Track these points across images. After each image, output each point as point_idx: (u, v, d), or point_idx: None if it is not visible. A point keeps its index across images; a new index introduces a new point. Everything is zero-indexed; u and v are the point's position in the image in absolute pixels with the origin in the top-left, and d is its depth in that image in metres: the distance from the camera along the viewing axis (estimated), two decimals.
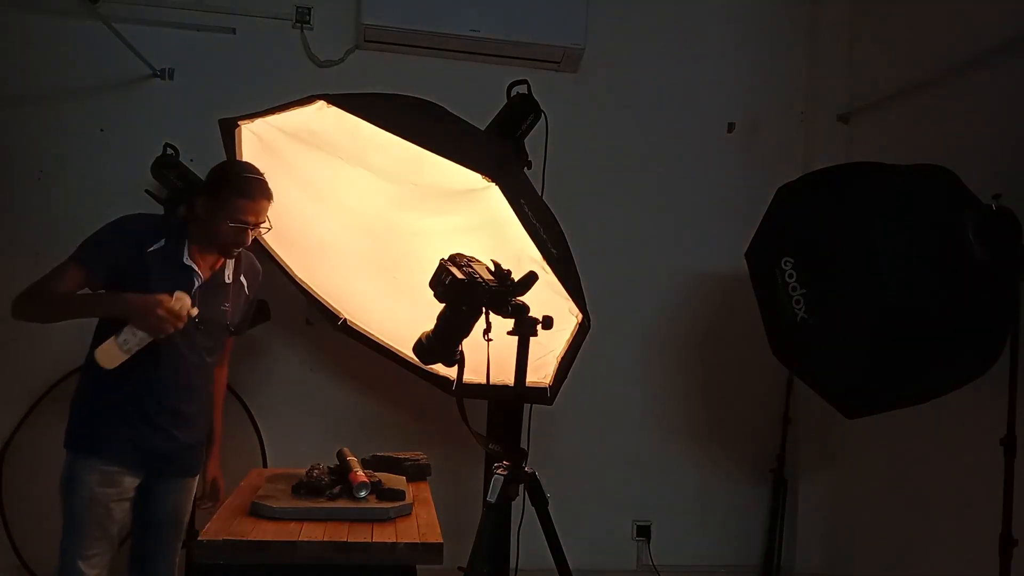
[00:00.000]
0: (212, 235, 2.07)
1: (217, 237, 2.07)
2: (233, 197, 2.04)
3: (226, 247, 2.10)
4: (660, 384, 3.47)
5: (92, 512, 1.99)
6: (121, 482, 2.03)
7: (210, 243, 2.09)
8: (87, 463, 2.00)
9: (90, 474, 2.00)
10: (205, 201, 2.07)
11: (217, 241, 2.08)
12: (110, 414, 2.04)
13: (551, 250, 2.05)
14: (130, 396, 2.04)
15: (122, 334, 1.91)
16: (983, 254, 2.10)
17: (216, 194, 2.06)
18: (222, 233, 2.05)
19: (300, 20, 3.23)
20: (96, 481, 2.00)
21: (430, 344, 1.76)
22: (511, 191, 1.99)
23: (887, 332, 2.15)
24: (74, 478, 2.00)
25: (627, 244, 3.45)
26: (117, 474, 2.02)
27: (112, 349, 1.91)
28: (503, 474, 1.80)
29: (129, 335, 1.91)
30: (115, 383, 1.99)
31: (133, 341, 1.91)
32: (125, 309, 1.92)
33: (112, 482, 2.02)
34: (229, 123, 2.39)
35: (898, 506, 3.03)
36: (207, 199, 2.07)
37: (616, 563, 3.41)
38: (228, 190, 2.05)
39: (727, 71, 3.55)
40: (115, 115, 3.11)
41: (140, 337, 1.91)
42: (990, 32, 2.65)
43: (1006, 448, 2.21)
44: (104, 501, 2.00)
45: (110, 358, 1.91)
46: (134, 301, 1.92)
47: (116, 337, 1.91)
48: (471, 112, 2.28)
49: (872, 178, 2.29)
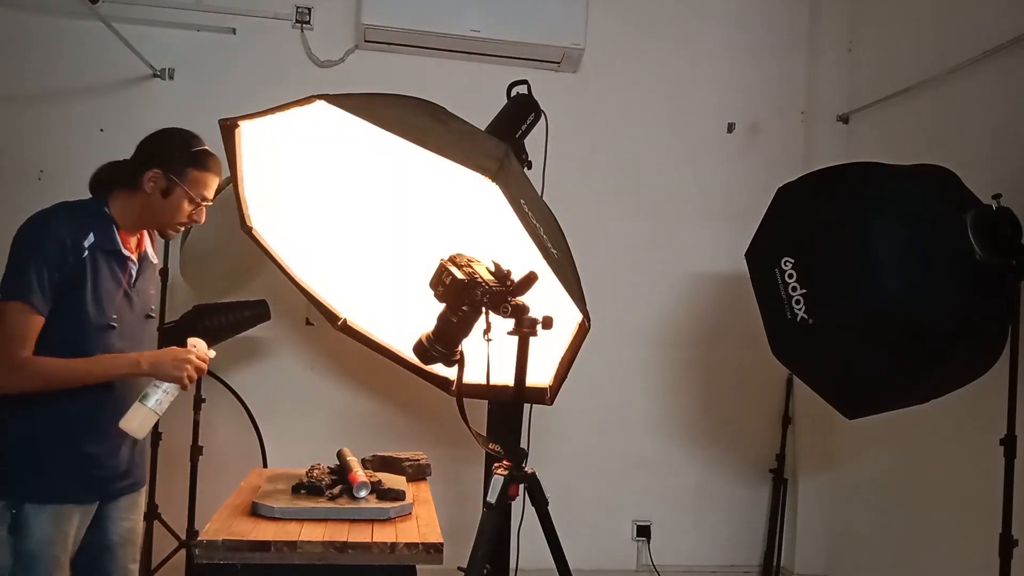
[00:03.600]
0: (161, 217, 1.87)
1: (169, 218, 1.88)
2: (196, 171, 1.87)
3: (176, 227, 1.92)
4: (660, 384, 3.47)
5: (46, 555, 1.76)
6: (73, 516, 1.82)
7: (152, 225, 1.91)
8: (34, 508, 1.76)
9: (39, 516, 1.76)
10: (157, 177, 1.84)
11: (167, 223, 1.89)
12: (51, 445, 1.80)
13: (551, 250, 2.05)
14: (70, 419, 1.81)
15: (151, 395, 1.77)
16: (983, 254, 2.10)
17: (177, 173, 1.85)
18: (179, 213, 1.87)
19: (300, 20, 3.23)
20: (48, 522, 1.76)
21: (430, 344, 1.76)
22: (511, 191, 1.98)
23: (887, 332, 2.14)
24: (23, 526, 1.75)
25: (627, 244, 3.45)
26: (68, 510, 1.81)
27: (143, 416, 1.77)
28: (503, 474, 1.80)
29: (159, 393, 1.78)
30: (47, 410, 1.78)
31: (166, 399, 1.79)
32: (152, 368, 1.79)
33: (63, 517, 1.79)
34: (229, 123, 2.38)
35: (898, 506, 3.03)
36: (161, 175, 1.84)
37: (616, 563, 3.41)
38: (189, 163, 1.86)
39: (727, 71, 3.55)
40: (115, 115, 3.11)
41: (170, 391, 1.79)
42: (990, 32, 2.65)
43: (1006, 448, 2.21)
44: (60, 541, 1.78)
45: (141, 425, 1.77)
46: (159, 359, 1.80)
47: (143, 401, 1.77)
48: (471, 112, 2.27)
49: (872, 178, 2.28)
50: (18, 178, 3.02)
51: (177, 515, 2.87)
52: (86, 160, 3.17)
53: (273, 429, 3.14)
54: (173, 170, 1.85)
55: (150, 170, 1.85)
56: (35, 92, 3.08)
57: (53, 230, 1.77)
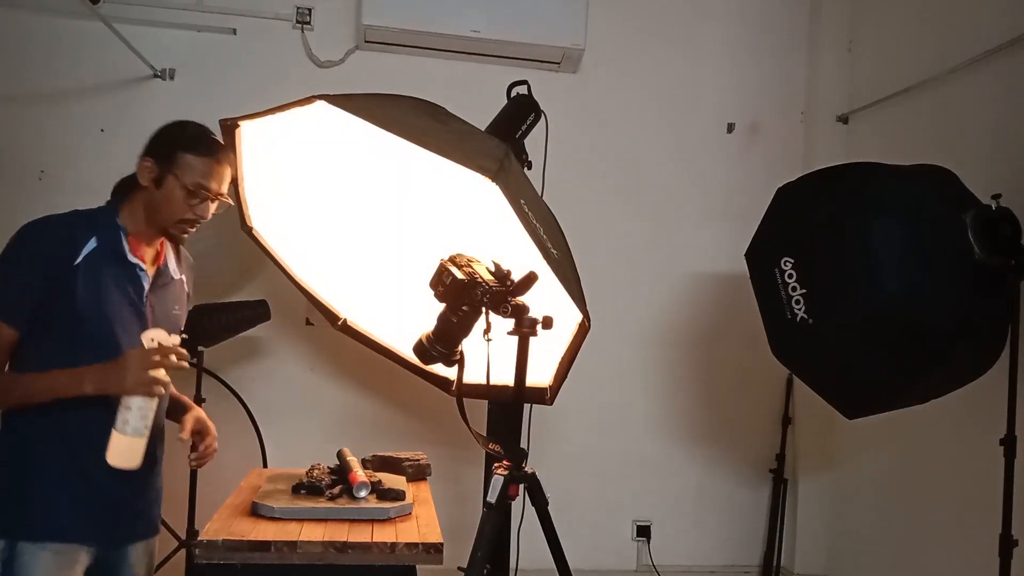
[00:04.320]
0: (160, 212, 1.67)
1: (168, 213, 1.67)
2: (190, 157, 1.66)
3: (179, 226, 1.70)
4: (660, 384, 3.47)
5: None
6: (76, 559, 1.61)
7: (155, 225, 1.70)
8: (33, 547, 1.56)
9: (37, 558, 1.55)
10: (151, 168, 1.66)
11: (167, 219, 1.68)
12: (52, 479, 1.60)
13: (551, 250, 2.05)
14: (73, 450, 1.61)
15: (118, 418, 1.50)
16: (983, 254, 2.10)
17: (166, 157, 1.66)
18: (175, 206, 1.66)
19: (300, 20, 3.22)
20: (49, 564, 1.57)
21: (430, 344, 1.76)
22: (511, 191, 1.98)
23: (887, 332, 2.15)
24: (18, 569, 1.55)
25: (627, 244, 3.45)
26: (73, 551, 1.61)
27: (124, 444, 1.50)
28: (503, 474, 1.80)
29: (127, 413, 1.50)
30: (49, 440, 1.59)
31: (137, 416, 1.51)
32: (99, 384, 1.53)
33: (66, 562, 1.60)
34: (229, 123, 2.39)
35: (898, 506, 3.03)
36: (154, 165, 1.66)
37: (616, 563, 3.41)
38: (183, 149, 1.66)
39: (727, 71, 3.55)
40: (115, 115, 3.10)
41: (140, 407, 1.51)
42: (990, 32, 2.65)
43: (1006, 448, 2.21)
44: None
45: (130, 453, 1.51)
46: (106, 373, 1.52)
47: (115, 428, 1.50)
48: (471, 112, 2.27)
49: (872, 178, 2.29)
50: (18, 178, 3.02)
51: (177, 515, 2.87)
52: (86, 160, 3.20)
53: (273, 429, 3.14)
54: (163, 155, 1.66)
55: (144, 159, 1.69)
56: (35, 92, 3.07)
57: (37, 238, 1.60)
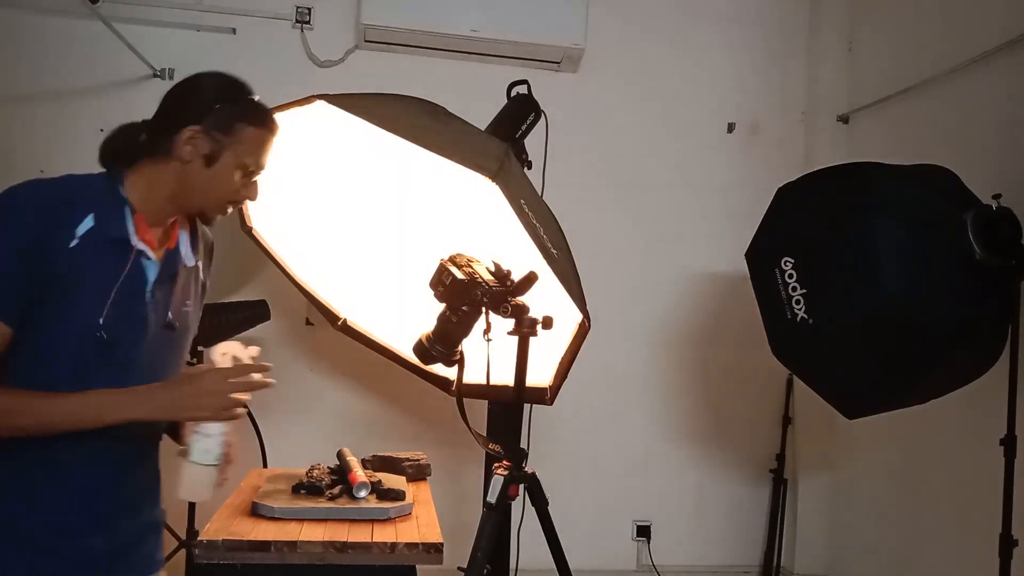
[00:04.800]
0: (207, 193, 1.38)
1: (217, 195, 1.39)
2: (252, 130, 1.38)
3: (223, 208, 1.42)
4: (660, 384, 3.47)
5: None
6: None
7: (189, 205, 1.40)
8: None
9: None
10: (200, 140, 1.34)
11: (213, 200, 1.40)
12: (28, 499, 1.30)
13: (551, 250, 2.05)
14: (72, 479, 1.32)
15: (195, 447, 1.31)
16: (983, 254, 2.10)
17: (223, 128, 1.35)
18: (228, 187, 1.39)
19: (300, 20, 3.23)
20: None
21: (430, 344, 1.77)
22: (511, 191, 1.98)
23: (887, 332, 2.15)
24: None
25: (627, 244, 3.45)
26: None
27: (204, 475, 1.32)
28: (503, 474, 1.80)
29: (206, 441, 1.31)
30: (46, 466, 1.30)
31: (216, 443, 1.32)
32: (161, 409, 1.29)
33: None
34: None
35: (898, 506, 3.03)
36: (205, 137, 1.34)
37: (616, 563, 3.41)
38: (243, 120, 1.37)
39: (727, 71, 3.55)
40: (115, 115, 3.05)
41: (215, 434, 1.32)
42: (990, 32, 2.65)
43: (1006, 448, 2.21)
44: None
45: (207, 485, 1.33)
46: (176, 393, 1.29)
47: (191, 459, 1.31)
48: (471, 112, 2.27)
49: (872, 178, 2.29)
50: (18, 178, 2.97)
51: (177, 515, 2.87)
52: (85, 160, 3.18)
53: (273, 429, 3.14)
54: (218, 126, 1.35)
55: (186, 128, 1.34)
56: (35, 92, 3.07)
57: (24, 210, 1.27)
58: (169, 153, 1.36)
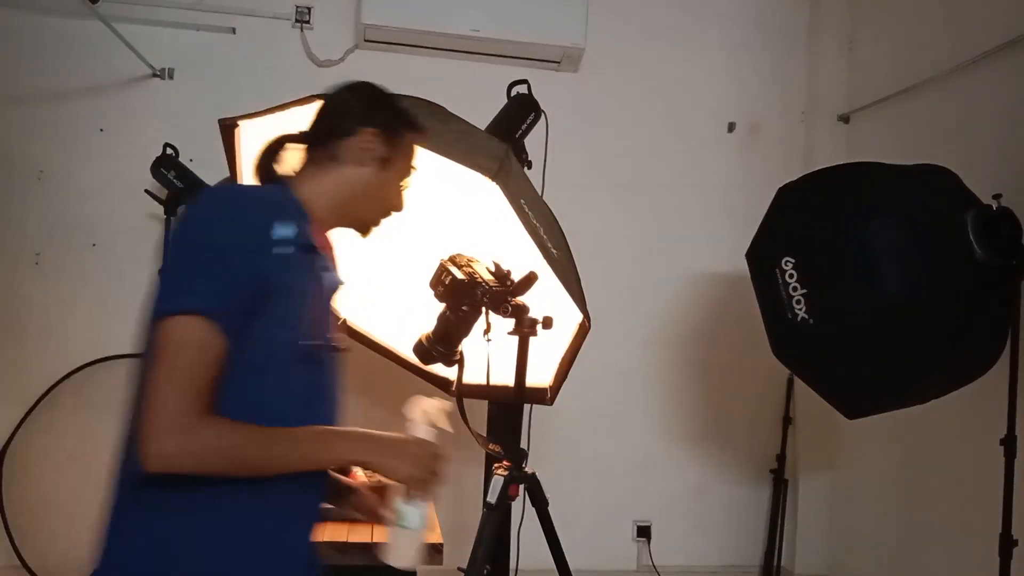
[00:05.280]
0: (375, 200, 1.32)
1: (383, 203, 1.34)
2: (415, 135, 1.35)
3: (384, 215, 1.36)
4: (660, 384, 3.47)
5: None
6: None
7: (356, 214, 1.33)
8: None
9: None
10: (374, 140, 1.27)
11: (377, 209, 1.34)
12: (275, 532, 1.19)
13: (551, 250, 2.05)
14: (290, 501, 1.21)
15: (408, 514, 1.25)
16: (983, 254, 2.10)
17: (398, 133, 1.30)
18: (396, 196, 1.34)
19: (300, 20, 3.22)
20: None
21: (430, 344, 1.76)
22: (511, 191, 1.98)
23: (887, 332, 2.15)
24: None
25: (627, 244, 3.45)
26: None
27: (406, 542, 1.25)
28: (503, 474, 1.80)
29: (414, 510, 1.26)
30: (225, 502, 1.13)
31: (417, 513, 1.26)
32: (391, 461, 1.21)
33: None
34: (229, 123, 2.38)
35: (898, 506, 3.03)
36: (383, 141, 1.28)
37: (616, 563, 3.41)
38: (411, 128, 1.34)
39: (727, 71, 3.55)
40: (115, 115, 3.10)
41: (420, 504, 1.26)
42: (990, 32, 2.65)
43: (1006, 448, 2.21)
44: None
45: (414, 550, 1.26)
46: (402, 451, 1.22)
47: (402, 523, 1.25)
48: (471, 112, 2.27)
49: (872, 178, 2.29)
50: (17, 178, 3.02)
51: None
52: (86, 160, 3.20)
53: None
54: (394, 130, 1.30)
55: (364, 130, 1.27)
56: (35, 92, 3.07)
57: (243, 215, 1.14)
58: (336, 158, 1.28)
